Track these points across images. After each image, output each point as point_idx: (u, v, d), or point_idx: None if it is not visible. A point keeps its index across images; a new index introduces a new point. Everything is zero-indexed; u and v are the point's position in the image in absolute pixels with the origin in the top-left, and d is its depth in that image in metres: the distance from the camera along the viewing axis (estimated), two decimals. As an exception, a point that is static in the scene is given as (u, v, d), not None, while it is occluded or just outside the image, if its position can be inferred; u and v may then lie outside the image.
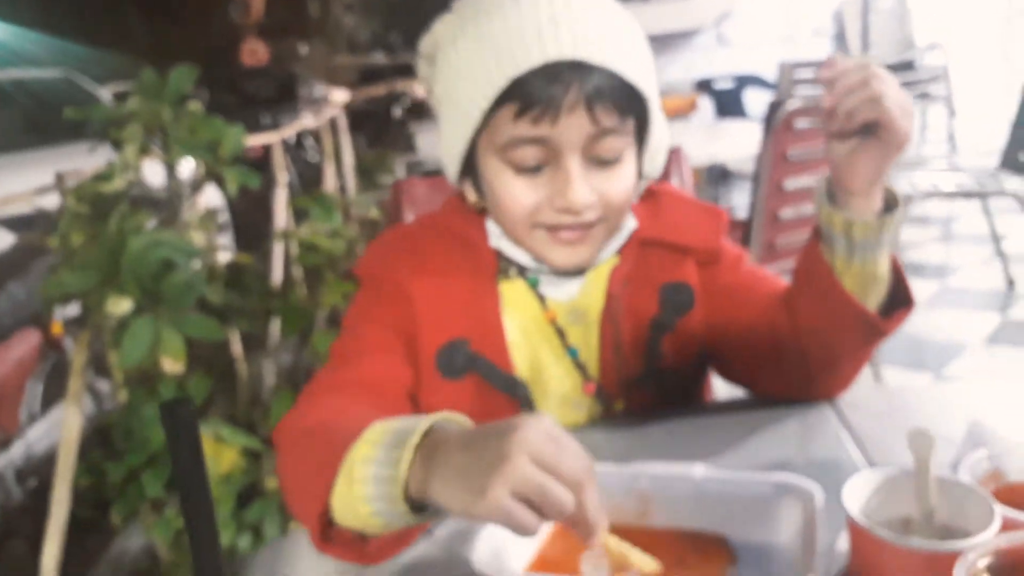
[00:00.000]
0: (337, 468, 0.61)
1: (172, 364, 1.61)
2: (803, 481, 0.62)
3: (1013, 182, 2.88)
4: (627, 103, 0.77)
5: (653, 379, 0.87)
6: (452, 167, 0.85)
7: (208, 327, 1.55)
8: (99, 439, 1.86)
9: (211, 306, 1.74)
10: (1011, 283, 3.27)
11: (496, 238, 0.86)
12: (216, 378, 1.78)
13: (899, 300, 0.78)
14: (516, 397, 0.84)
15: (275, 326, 1.96)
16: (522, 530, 0.52)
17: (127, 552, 1.87)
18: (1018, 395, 0.87)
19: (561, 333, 0.86)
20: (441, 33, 0.82)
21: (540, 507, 0.52)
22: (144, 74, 1.65)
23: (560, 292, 0.87)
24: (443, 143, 0.85)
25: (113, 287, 1.56)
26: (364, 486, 0.59)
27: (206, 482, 0.33)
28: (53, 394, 2.54)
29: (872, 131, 0.69)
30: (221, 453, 1.66)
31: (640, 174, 0.85)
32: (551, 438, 0.54)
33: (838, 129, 0.70)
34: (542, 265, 0.85)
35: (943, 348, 2.79)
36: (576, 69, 0.74)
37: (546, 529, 0.66)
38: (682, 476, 0.66)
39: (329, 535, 0.62)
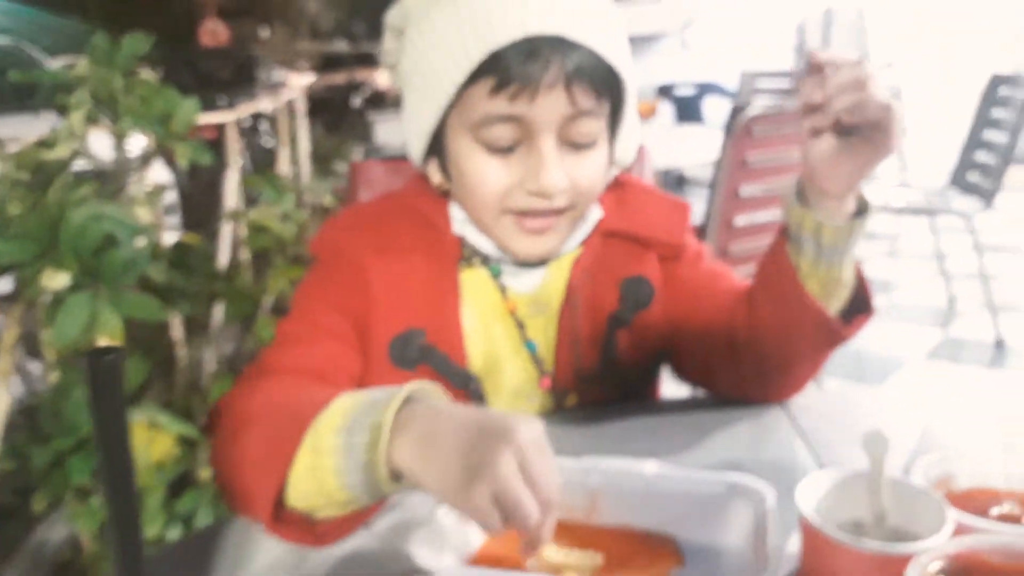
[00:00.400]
0: (297, 443, 0.59)
1: (108, 344, 1.55)
2: (755, 481, 0.62)
3: (960, 201, 2.97)
4: (605, 84, 0.75)
5: (607, 374, 0.86)
6: (418, 146, 0.82)
7: (149, 307, 1.49)
8: (25, 421, 1.78)
9: (153, 286, 1.68)
10: (952, 300, 3.36)
11: (460, 224, 0.83)
12: (154, 362, 1.72)
13: (859, 306, 0.77)
14: (468, 391, 0.82)
15: (218, 311, 1.90)
16: (486, 530, 0.54)
17: (48, 542, 1.79)
18: (964, 406, 0.88)
19: (521, 326, 0.84)
20: (412, 4, 0.79)
21: (509, 516, 0.52)
22: (95, 38, 1.58)
23: (522, 283, 0.85)
24: (409, 120, 0.81)
25: (50, 260, 1.49)
26: (334, 456, 0.57)
27: (128, 444, 0.30)
28: (-19, 373, 2.43)
29: (859, 133, 0.68)
30: (155, 440, 1.61)
31: (611, 161, 0.83)
32: (539, 449, 0.54)
33: (819, 125, 0.68)
34: (505, 255, 0.82)
35: (884, 361, 2.86)
36: (557, 45, 0.71)
37: None
38: (633, 472, 0.65)
39: (280, 516, 0.60)
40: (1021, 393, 0.96)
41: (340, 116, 6.65)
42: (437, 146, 0.81)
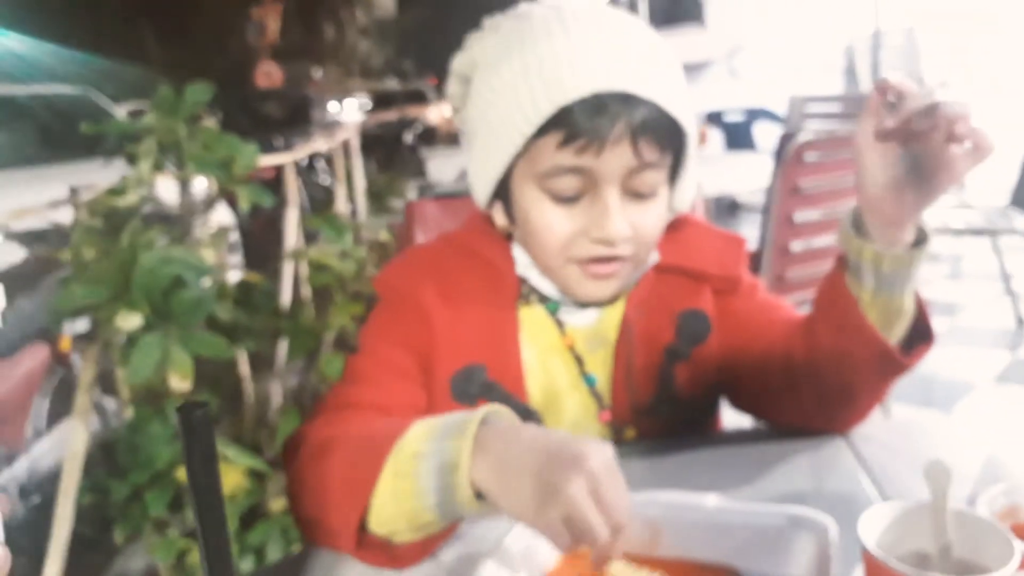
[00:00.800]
0: (378, 470, 0.63)
1: (179, 382, 1.61)
2: (817, 514, 0.62)
3: (1022, 220, 2.88)
4: (668, 138, 0.77)
5: (665, 407, 0.86)
6: (484, 190, 0.84)
7: (216, 345, 1.55)
8: (104, 457, 1.85)
9: (220, 324, 1.74)
10: (1021, 321, 3.26)
11: (523, 267, 0.85)
12: (222, 398, 1.78)
13: (919, 335, 0.76)
14: None
15: (282, 347, 1.95)
16: (557, 548, 0.57)
17: (128, 572, 1.85)
18: None
19: (579, 360, 0.86)
20: (480, 54, 0.81)
21: (579, 538, 0.55)
22: (160, 90, 1.66)
23: (579, 318, 0.86)
24: (476, 165, 0.83)
25: (123, 302, 1.56)
26: (416, 480, 0.61)
27: (219, 489, 0.33)
28: (59, 411, 2.54)
29: (925, 161, 0.66)
30: (226, 474, 1.65)
31: (669, 209, 0.84)
32: (611, 474, 0.57)
33: (888, 151, 0.67)
34: (567, 297, 0.84)
35: (952, 386, 2.78)
36: (624, 101, 0.73)
37: (551, 559, 0.65)
38: (694, 505, 0.65)
39: (361, 541, 0.64)
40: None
41: (393, 153, 6.80)
42: (503, 191, 0.83)
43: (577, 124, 0.73)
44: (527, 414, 0.84)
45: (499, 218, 0.85)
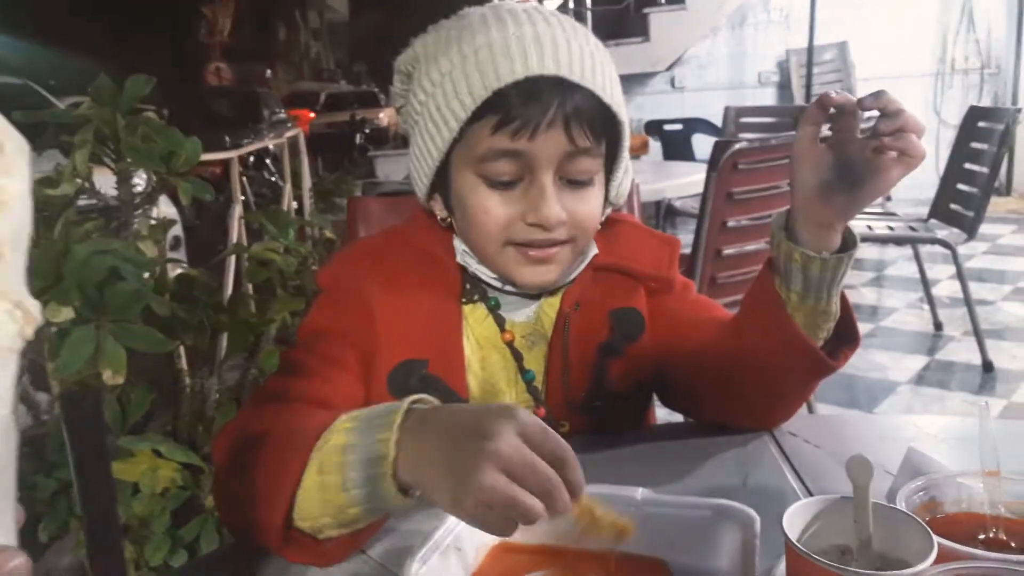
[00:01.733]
0: (303, 464, 0.62)
1: (112, 376, 1.59)
2: (742, 507, 0.63)
3: (943, 232, 3.03)
4: (602, 125, 0.79)
5: (598, 403, 0.88)
6: (423, 182, 0.85)
7: (152, 339, 1.54)
8: (32, 452, 1.82)
9: (157, 318, 1.73)
10: (938, 326, 3.41)
11: (461, 254, 0.86)
12: (158, 392, 1.76)
13: (846, 337, 0.79)
14: None
15: (222, 342, 1.95)
16: (500, 533, 0.55)
17: (56, 568, 1.82)
18: (947, 429, 0.90)
19: (518, 356, 0.87)
20: (421, 49, 0.83)
21: (513, 519, 0.53)
22: (99, 80, 1.65)
23: (518, 314, 0.88)
24: (415, 157, 0.85)
25: (55, 294, 1.54)
26: (340, 474, 0.60)
27: (110, 479, 0.31)
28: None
29: (857, 169, 0.69)
30: (159, 469, 1.64)
31: (606, 199, 0.87)
32: (521, 441, 0.54)
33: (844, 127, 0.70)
34: (506, 285, 0.85)
35: (874, 387, 2.90)
36: (557, 86, 0.75)
37: (480, 554, 0.66)
38: (622, 498, 0.65)
39: (287, 537, 0.63)
40: (1006, 418, 0.98)
41: (342, 153, 6.77)
42: (441, 182, 0.84)
43: (511, 108, 0.75)
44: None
45: (438, 210, 0.86)
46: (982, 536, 0.58)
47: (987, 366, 2.96)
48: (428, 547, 0.60)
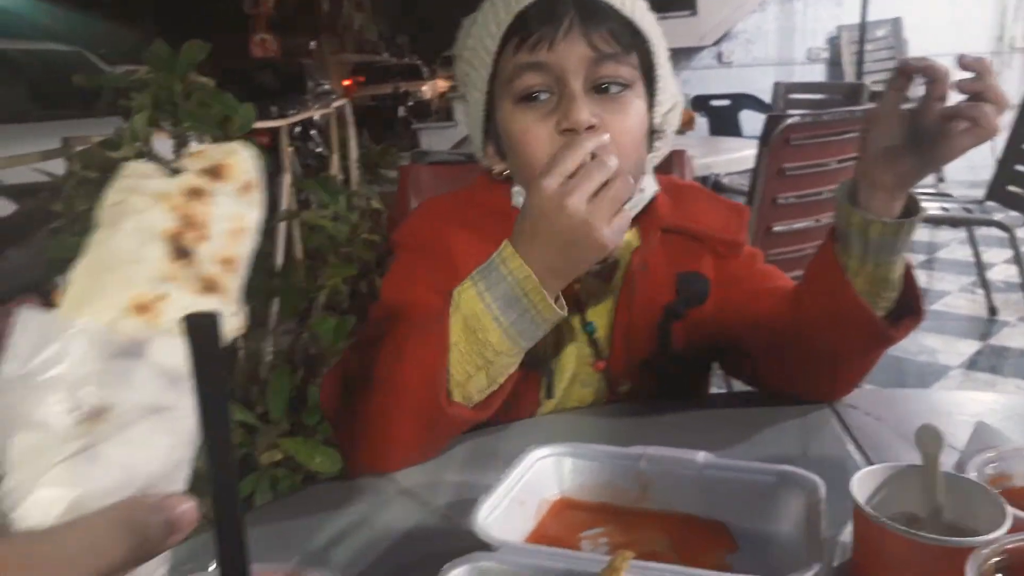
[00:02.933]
0: (446, 330, 0.72)
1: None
2: (806, 472, 0.63)
3: (1000, 214, 2.95)
4: (626, 36, 0.82)
5: (660, 364, 0.89)
6: (477, 135, 0.90)
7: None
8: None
9: (213, 282, 1.77)
10: (993, 311, 3.34)
11: (516, 196, 0.89)
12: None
13: (908, 309, 0.78)
14: (540, 372, 0.87)
15: (274, 306, 1.99)
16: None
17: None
18: (1011, 407, 0.88)
19: (581, 306, 0.89)
20: (465, 23, 0.88)
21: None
22: (155, 45, 1.68)
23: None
24: (469, 114, 0.89)
25: (119, 254, 1.58)
26: (491, 311, 0.71)
27: (226, 406, 0.32)
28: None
29: (929, 134, 0.69)
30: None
31: (652, 128, 0.88)
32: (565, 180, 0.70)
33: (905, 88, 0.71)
34: None
35: (925, 370, 2.85)
36: (576, 1, 0.80)
37: (542, 508, 0.67)
38: (684, 461, 0.66)
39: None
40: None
41: (386, 125, 6.79)
42: (492, 130, 0.89)
43: (530, 24, 0.80)
44: (540, 361, 0.88)
45: (494, 161, 0.90)
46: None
47: (1041, 351, 2.90)
48: (494, 497, 0.61)
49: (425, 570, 0.51)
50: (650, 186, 0.90)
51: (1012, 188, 2.94)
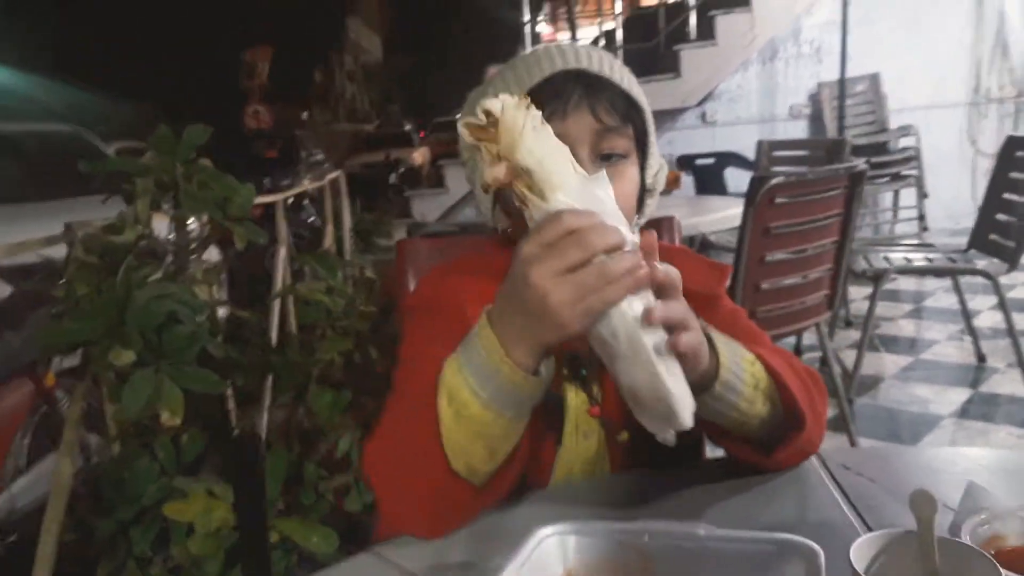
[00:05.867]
0: (434, 407, 0.74)
1: (170, 418, 1.64)
2: (805, 541, 0.63)
3: (983, 262, 3.00)
4: (625, 109, 0.89)
5: None
6: (487, 198, 0.94)
7: (209, 380, 1.59)
8: (87, 494, 1.86)
9: (209, 360, 1.78)
10: (982, 358, 3.36)
11: None
12: (210, 433, 1.81)
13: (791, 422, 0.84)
14: (556, 415, 0.90)
15: (268, 382, 1.99)
16: (610, 298, 0.67)
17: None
18: (1000, 461, 0.90)
19: (575, 355, 0.92)
20: (472, 96, 0.95)
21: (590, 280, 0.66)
22: (159, 130, 1.72)
23: None
24: (478, 181, 0.93)
25: (117, 338, 1.59)
26: (467, 384, 0.72)
27: (264, 517, 0.35)
28: (39, 448, 2.52)
29: None
30: (213, 509, 1.68)
31: (644, 187, 0.94)
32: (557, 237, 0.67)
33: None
34: None
35: (917, 420, 2.86)
36: (580, 76, 0.88)
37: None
38: (684, 534, 0.66)
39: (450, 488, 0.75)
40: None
41: (377, 193, 6.88)
42: (499, 192, 0.92)
43: (543, 99, 0.84)
44: (558, 402, 0.91)
45: (501, 223, 0.95)
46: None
47: (1033, 398, 2.91)
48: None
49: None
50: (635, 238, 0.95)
51: (993, 236, 3.00)
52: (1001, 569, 0.52)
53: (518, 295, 0.69)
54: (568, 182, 0.69)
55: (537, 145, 0.68)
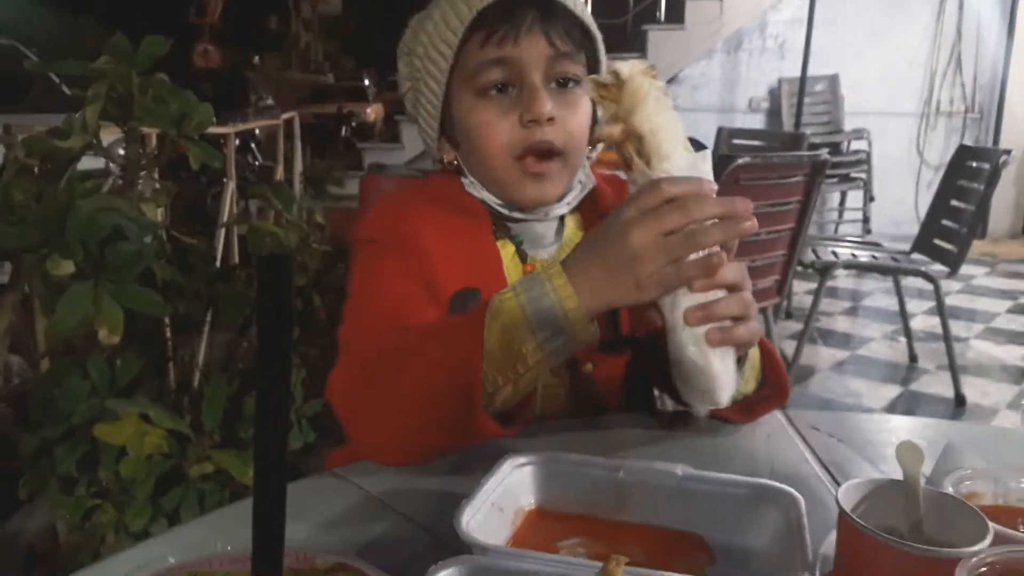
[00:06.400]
0: (480, 337, 0.71)
1: (108, 336, 1.56)
2: (783, 487, 0.63)
3: (924, 266, 3.10)
4: (578, 35, 0.88)
5: (615, 344, 0.92)
6: (431, 126, 0.93)
7: (152, 302, 1.51)
8: (13, 412, 1.78)
9: (151, 283, 1.70)
10: (914, 359, 3.49)
11: (469, 185, 0.92)
12: (148, 358, 1.73)
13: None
14: None
15: (209, 315, 1.92)
16: (691, 275, 0.70)
17: (24, 531, 1.77)
18: (965, 432, 0.92)
19: None
20: (414, 23, 0.92)
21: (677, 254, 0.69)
22: (115, 38, 1.62)
23: (542, 252, 0.94)
24: (421, 107, 0.93)
25: (56, 248, 1.50)
26: (529, 324, 0.70)
27: (289, 351, 0.33)
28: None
29: None
30: (146, 434, 1.61)
31: (595, 119, 0.93)
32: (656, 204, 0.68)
33: None
34: (514, 211, 0.91)
35: (851, 411, 2.95)
36: (534, 1, 0.85)
37: (519, 517, 0.66)
38: (663, 472, 0.66)
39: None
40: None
41: (328, 144, 6.73)
42: (447, 122, 0.92)
43: (495, 21, 0.85)
44: None
45: (447, 154, 0.94)
46: (1023, 530, 0.59)
47: (960, 399, 3.03)
48: (476, 501, 0.60)
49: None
50: (588, 179, 0.96)
51: (937, 241, 3.09)
52: (988, 520, 0.52)
53: (607, 251, 0.70)
54: (674, 155, 0.71)
55: (655, 115, 0.71)
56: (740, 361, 0.84)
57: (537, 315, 0.71)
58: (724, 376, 0.74)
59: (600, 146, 0.97)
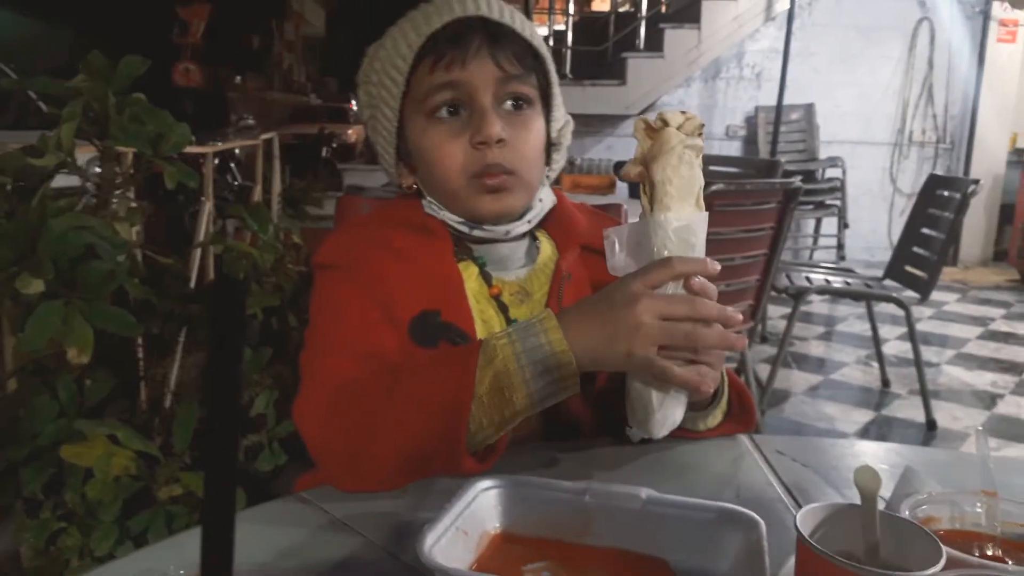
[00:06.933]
0: (471, 383, 0.72)
1: (77, 355, 1.54)
2: (745, 511, 0.64)
3: (899, 292, 3.14)
4: (527, 58, 0.89)
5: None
6: (388, 152, 0.94)
7: (124, 321, 1.50)
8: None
9: (124, 303, 1.68)
10: (887, 383, 3.52)
11: (427, 205, 0.93)
12: (119, 379, 1.71)
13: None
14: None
15: (183, 335, 1.90)
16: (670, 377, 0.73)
17: (-12, 554, 1.73)
18: (930, 456, 0.93)
19: (505, 308, 0.92)
20: (370, 51, 0.94)
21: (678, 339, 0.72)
22: (92, 56, 1.62)
23: (507, 274, 0.94)
24: (378, 132, 0.94)
25: (27, 266, 1.49)
26: (521, 374, 0.73)
27: (239, 377, 0.34)
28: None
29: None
30: (114, 455, 1.59)
31: (550, 142, 0.95)
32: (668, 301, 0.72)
33: None
34: (473, 229, 0.92)
35: (822, 435, 2.96)
36: (481, 24, 0.87)
37: (484, 541, 0.66)
38: (628, 496, 0.66)
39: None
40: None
41: (308, 164, 6.73)
42: (403, 147, 0.94)
43: (444, 46, 0.86)
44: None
45: (406, 179, 0.95)
46: (977, 554, 0.60)
47: (931, 424, 3.06)
48: (440, 525, 0.60)
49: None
50: (548, 197, 0.97)
51: (909, 268, 3.14)
52: (942, 544, 0.53)
53: (611, 316, 0.73)
54: (675, 209, 0.75)
55: (672, 168, 0.75)
56: (715, 397, 0.86)
57: (532, 366, 0.73)
58: (662, 412, 0.79)
59: (558, 166, 0.99)
